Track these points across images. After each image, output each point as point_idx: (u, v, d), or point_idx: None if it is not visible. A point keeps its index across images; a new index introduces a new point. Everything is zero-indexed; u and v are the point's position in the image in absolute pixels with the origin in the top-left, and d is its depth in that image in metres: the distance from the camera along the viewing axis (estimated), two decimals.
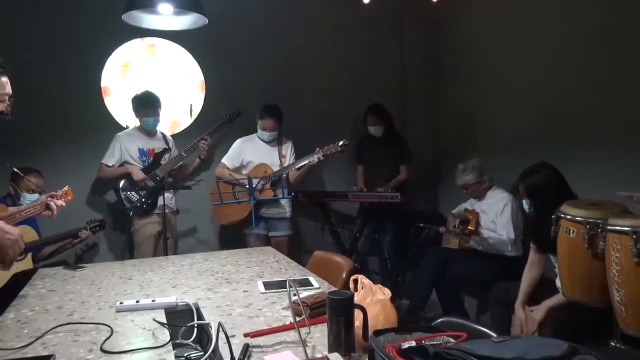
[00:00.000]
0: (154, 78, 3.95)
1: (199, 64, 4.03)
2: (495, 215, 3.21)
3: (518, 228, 3.11)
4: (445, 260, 3.25)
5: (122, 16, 2.49)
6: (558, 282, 2.36)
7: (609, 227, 1.85)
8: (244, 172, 3.72)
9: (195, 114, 4.06)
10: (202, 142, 3.68)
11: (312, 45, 4.28)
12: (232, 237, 3.89)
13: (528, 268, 2.63)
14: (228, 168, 3.73)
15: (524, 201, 2.56)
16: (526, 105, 3.52)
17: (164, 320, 1.62)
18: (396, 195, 3.79)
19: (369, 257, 4.34)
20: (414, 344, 1.17)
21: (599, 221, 1.91)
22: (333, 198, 4.11)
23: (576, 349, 0.90)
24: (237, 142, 3.78)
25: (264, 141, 3.74)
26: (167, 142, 3.66)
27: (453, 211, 3.60)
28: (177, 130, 4.02)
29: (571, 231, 2.02)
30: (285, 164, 3.71)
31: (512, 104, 3.66)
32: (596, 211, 1.98)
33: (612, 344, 1.96)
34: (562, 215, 2.06)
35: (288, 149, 3.79)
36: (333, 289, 1.93)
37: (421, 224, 3.37)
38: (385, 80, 4.50)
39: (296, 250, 3.98)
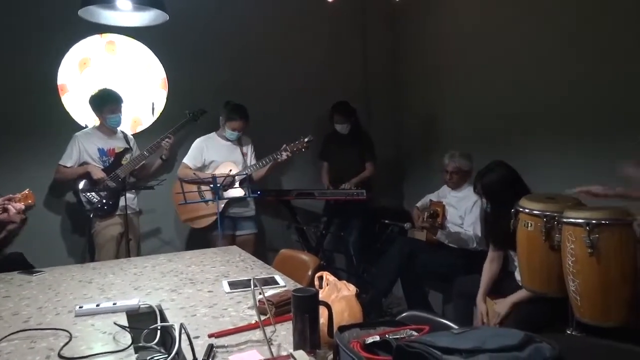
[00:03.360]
0: (114, 75, 3.86)
1: (160, 61, 3.96)
2: (464, 211, 3.28)
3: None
4: (411, 251, 3.30)
5: (79, 12, 2.42)
6: (518, 275, 2.43)
7: (564, 220, 1.92)
8: (207, 172, 3.68)
9: (157, 113, 3.99)
10: (165, 140, 3.62)
11: (274, 44, 4.26)
12: (198, 238, 3.85)
13: (488, 263, 2.70)
14: (190, 168, 3.68)
15: (482, 200, 2.64)
16: (486, 105, 3.61)
17: (126, 324, 1.59)
18: (362, 192, 3.82)
19: (335, 254, 4.36)
20: (377, 338, 1.18)
21: (555, 214, 1.99)
22: (299, 196, 4.11)
23: (532, 337, 0.93)
24: (198, 142, 3.72)
25: (227, 140, 3.70)
26: (128, 142, 3.58)
27: (418, 204, 3.66)
28: (139, 129, 3.93)
29: (529, 224, 2.09)
30: (248, 162, 3.69)
31: (472, 104, 3.75)
32: (552, 204, 2.06)
33: (568, 332, 2.04)
34: (521, 209, 2.13)
35: (248, 146, 3.78)
36: (299, 286, 1.93)
37: (386, 221, 3.42)
38: (348, 79, 4.53)
39: (262, 249, 3.96)
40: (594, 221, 1.83)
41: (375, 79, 4.65)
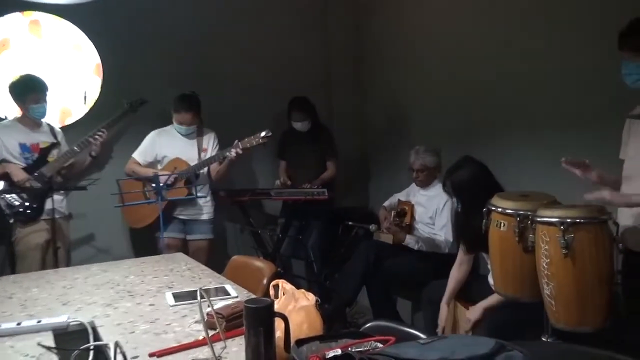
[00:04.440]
0: (38, 60, 3.72)
1: (94, 44, 3.85)
2: (434, 211, 3.34)
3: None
4: (377, 256, 3.34)
5: None
6: (491, 279, 2.50)
7: (538, 219, 1.98)
8: (159, 168, 3.64)
9: (90, 102, 3.88)
10: (98, 134, 3.53)
11: (228, 33, 4.22)
12: (139, 245, 3.77)
13: (457, 266, 2.78)
14: (139, 164, 3.62)
15: (452, 199, 2.70)
16: (455, 99, 3.70)
17: (53, 344, 1.54)
18: (323, 192, 3.84)
19: (294, 260, 4.36)
20: (339, 352, 1.19)
21: (529, 213, 2.05)
22: (254, 196, 4.09)
23: (503, 345, 0.96)
24: (151, 135, 3.70)
25: (180, 134, 3.66)
26: (55, 136, 3.47)
27: (385, 203, 3.71)
28: (68, 122, 3.81)
29: (502, 224, 2.15)
30: (203, 159, 3.65)
31: (441, 98, 3.83)
32: (526, 202, 2.12)
33: (543, 338, 2.11)
34: (493, 208, 2.18)
35: (210, 141, 3.74)
36: (252, 297, 1.93)
37: (350, 223, 3.44)
38: (309, 71, 4.54)
39: (218, 256, 3.93)
40: (568, 220, 1.90)
41: (338, 72, 4.68)
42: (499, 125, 3.37)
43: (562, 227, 1.89)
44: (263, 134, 3.48)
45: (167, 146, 3.66)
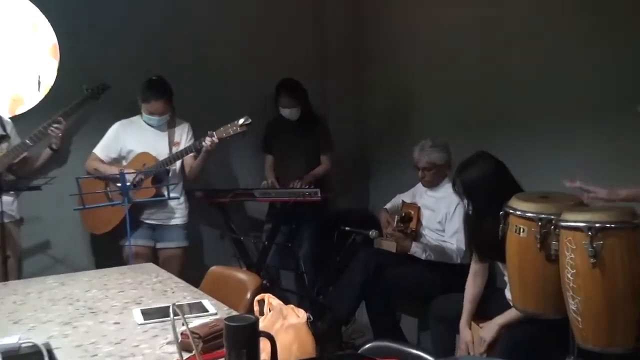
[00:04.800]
0: None
1: (50, 21, 3.82)
2: (444, 216, 3.35)
3: None
4: (378, 265, 3.34)
5: None
6: (508, 293, 2.50)
7: (562, 224, 1.98)
8: (124, 164, 3.63)
9: (45, 89, 3.85)
10: (55, 126, 3.51)
11: (203, 9, 4.21)
12: (103, 252, 3.77)
13: (471, 280, 2.78)
14: (102, 161, 3.60)
15: (463, 201, 2.70)
16: (468, 87, 3.71)
17: None
18: (315, 192, 3.84)
19: (282, 271, 4.36)
20: None
21: (552, 216, 2.06)
22: (235, 197, 4.08)
23: None
24: (115, 127, 3.69)
25: (151, 125, 3.65)
26: (3, 127, 3.46)
27: (387, 206, 3.71)
28: (20, 111, 3.79)
29: (521, 230, 2.16)
30: (173, 153, 3.63)
31: (451, 83, 3.83)
32: (549, 204, 2.13)
33: None
34: (511, 211, 2.19)
35: (183, 133, 3.73)
36: (234, 313, 1.92)
37: (347, 228, 3.44)
38: (300, 53, 4.53)
39: (194, 267, 3.91)
40: (597, 224, 1.90)
41: (334, 54, 4.67)
42: (518, 116, 3.38)
43: (589, 233, 1.90)
44: (241, 120, 3.45)
45: (133, 139, 3.64)
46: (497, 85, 3.49)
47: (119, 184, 3.37)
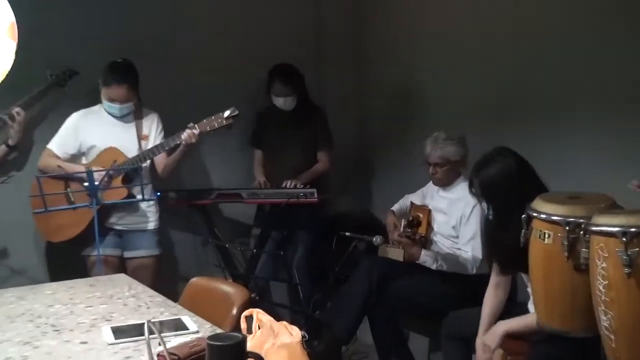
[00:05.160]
0: None
1: None
2: (459, 220, 3.36)
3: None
4: (383, 276, 3.36)
5: None
6: (531, 307, 2.51)
7: (593, 228, 1.99)
8: (84, 162, 3.62)
9: (1, 74, 3.85)
10: (12, 116, 3.51)
11: None
12: (66, 262, 3.75)
13: (491, 290, 2.79)
14: (58, 157, 3.58)
15: (482, 204, 2.71)
16: (480, 73, 3.73)
17: None
18: (311, 193, 3.84)
19: (273, 283, 4.36)
20: None
21: (581, 220, 2.06)
22: (219, 198, 4.09)
23: None
24: (73, 118, 3.66)
25: (114, 116, 3.64)
26: None
27: (394, 207, 3.71)
28: None
29: (546, 235, 2.16)
30: (148, 147, 3.65)
31: (467, 71, 3.85)
32: (577, 206, 2.13)
33: None
34: (535, 214, 2.20)
35: (152, 125, 3.73)
36: (218, 331, 1.93)
37: (347, 234, 3.45)
38: (293, 40, 4.55)
39: (170, 278, 3.91)
40: (632, 229, 1.90)
41: (331, 41, 4.70)
42: (543, 106, 3.39)
43: (624, 239, 1.90)
44: (227, 112, 3.47)
45: (95, 133, 3.62)
46: (520, 72, 3.50)
47: (85, 184, 3.37)
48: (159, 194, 3.73)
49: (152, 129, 3.72)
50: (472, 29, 3.76)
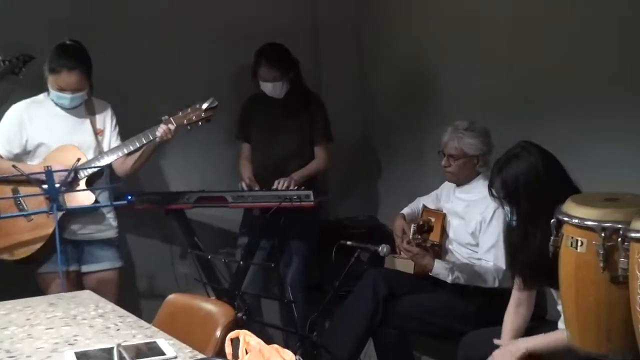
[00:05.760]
0: None
1: None
2: (478, 224, 3.37)
3: None
4: (390, 291, 3.37)
5: None
6: (561, 324, 2.52)
7: (633, 235, 1.99)
8: (34, 162, 3.61)
9: None
10: None
11: None
12: (18, 278, 3.72)
13: (513, 308, 2.81)
14: (1, 157, 3.57)
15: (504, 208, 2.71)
16: (503, 55, 3.73)
17: None
18: (307, 195, 3.84)
19: (263, 300, 4.37)
20: None
21: (619, 225, 2.07)
22: (201, 202, 4.09)
23: None
24: (15, 111, 3.62)
25: (63, 108, 3.64)
26: None
27: (404, 211, 3.72)
28: None
29: (579, 243, 2.17)
30: (106, 146, 3.66)
31: (486, 55, 3.85)
32: (615, 210, 2.14)
33: None
34: (565, 219, 2.20)
35: (107, 118, 3.73)
36: (200, 356, 1.93)
37: (348, 242, 3.45)
38: (283, 13, 4.57)
39: (134, 295, 3.91)
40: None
41: (328, 15, 4.71)
42: (576, 98, 3.39)
43: None
44: (206, 104, 3.50)
45: (43, 128, 3.60)
46: (549, 56, 3.50)
47: (45, 186, 3.36)
48: (129, 197, 3.72)
49: (107, 122, 3.72)
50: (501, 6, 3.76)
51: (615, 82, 3.22)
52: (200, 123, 3.56)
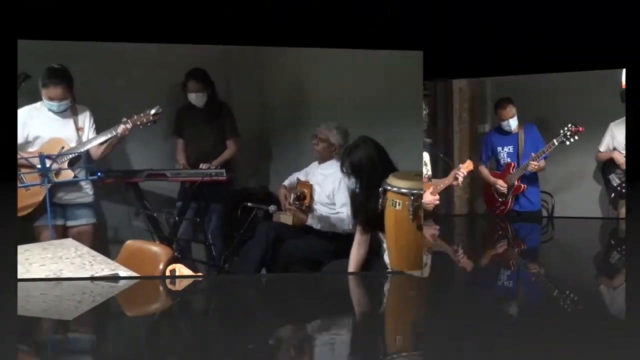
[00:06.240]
0: None
1: None
2: (331, 190, 3.43)
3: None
4: (277, 236, 3.41)
5: None
6: (386, 258, 2.64)
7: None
8: (31, 150, 3.43)
9: None
10: None
11: None
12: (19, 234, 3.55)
13: (355, 246, 2.90)
14: None
15: (350, 180, 2.80)
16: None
17: None
18: (221, 172, 3.81)
19: (193, 244, 4.31)
20: None
21: (423, 192, 2.19)
22: (149, 177, 3.97)
23: None
24: (20, 113, 3.45)
25: (53, 112, 3.48)
26: None
27: (285, 182, 3.76)
28: None
29: (397, 204, 2.28)
30: (84, 138, 3.53)
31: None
32: (419, 182, 2.26)
33: None
34: (389, 188, 2.31)
35: (85, 119, 3.59)
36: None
37: (249, 204, 3.46)
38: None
39: (104, 242, 3.77)
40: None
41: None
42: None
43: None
44: (153, 110, 3.45)
45: (39, 126, 3.48)
46: None
47: (38, 166, 3.26)
48: (99, 173, 3.61)
49: (86, 122, 3.60)
50: None
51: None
52: (149, 124, 3.52)
